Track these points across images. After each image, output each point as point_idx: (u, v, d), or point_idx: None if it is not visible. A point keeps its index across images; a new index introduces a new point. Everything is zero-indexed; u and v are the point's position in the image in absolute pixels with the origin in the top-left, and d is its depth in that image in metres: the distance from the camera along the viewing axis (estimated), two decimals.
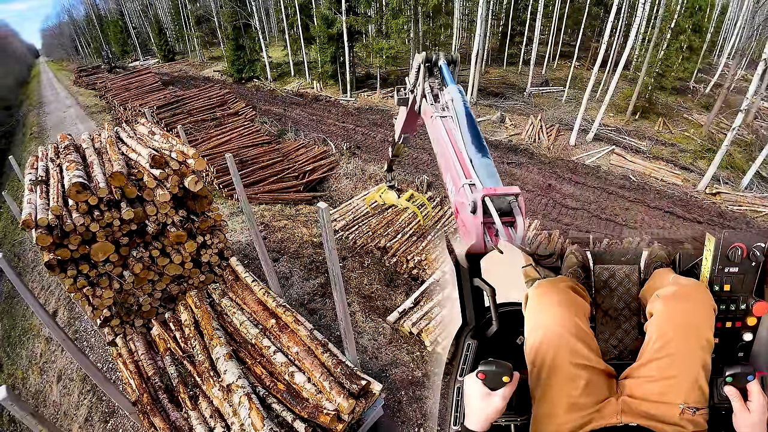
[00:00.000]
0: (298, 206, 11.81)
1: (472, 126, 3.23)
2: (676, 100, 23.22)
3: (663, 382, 1.67)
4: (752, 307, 1.87)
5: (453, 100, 3.49)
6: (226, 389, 4.17)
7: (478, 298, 2.25)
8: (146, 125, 6.46)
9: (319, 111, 22.81)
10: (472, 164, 2.88)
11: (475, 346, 2.09)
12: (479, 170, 2.81)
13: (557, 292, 1.89)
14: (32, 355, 8.40)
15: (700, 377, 1.66)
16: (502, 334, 2.14)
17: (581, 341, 1.77)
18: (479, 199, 2.51)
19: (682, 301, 1.78)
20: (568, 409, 1.70)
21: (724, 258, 1.85)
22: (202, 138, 15.43)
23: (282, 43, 36.19)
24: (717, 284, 1.88)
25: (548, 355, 1.76)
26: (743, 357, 1.94)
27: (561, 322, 1.79)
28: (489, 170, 2.86)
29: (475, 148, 3.02)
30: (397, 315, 6.96)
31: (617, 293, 2.17)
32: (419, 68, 3.99)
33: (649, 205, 13.63)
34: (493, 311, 2.12)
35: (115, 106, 22.09)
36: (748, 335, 1.91)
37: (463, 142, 3.08)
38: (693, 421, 1.60)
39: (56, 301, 8.92)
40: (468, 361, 2.04)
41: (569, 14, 29.72)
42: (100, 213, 4.68)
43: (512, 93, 24.15)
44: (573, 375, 1.73)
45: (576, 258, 2.23)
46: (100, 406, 6.21)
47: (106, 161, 5.23)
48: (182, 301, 5.51)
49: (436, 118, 3.50)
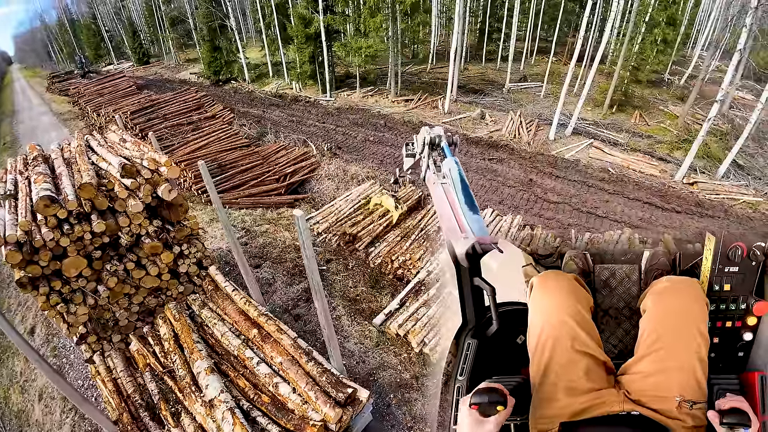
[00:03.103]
0: (280, 210, 11.65)
1: (466, 190, 3.75)
2: (652, 93, 23.70)
3: (658, 376, 1.68)
4: (752, 306, 1.88)
5: (450, 170, 4.03)
6: (209, 404, 4.06)
7: (478, 297, 2.26)
8: (117, 132, 6.26)
9: (299, 112, 22.58)
10: (467, 221, 3.32)
11: (475, 346, 2.11)
12: (472, 225, 3.25)
13: (561, 280, 1.92)
14: (12, 374, 8.12)
15: (696, 370, 1.65)
16: (502, 333, 2.14)
17: (583, 328, 1.79)
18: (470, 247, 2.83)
19: (673, 295, 1.80)
20: (568, 392, 1.71)
21: (724, 257, 1.86)
22: (179, 143, 15.08)
23: (259, 44, 35.68)
24: (717, 284, 1.89)
25: (549, 338, 1.78)
26: (743, 357, 1.96)
27: (563, 308, 1.81)
28: (479, 225, 3.30)
29: (468, 207, 3.51)
30: (383, 317, 6.91)
31: (617, 293, 2.18)
32: (424, 141, 4.69)
33: (629, 197, 13.86)
34: (493, 311, 2.11)
35: (88, 113, 21.48)
36: (748, 335, 1.92)
37: (459, 204, 3.57)
38: (692, 416, 1.59)
39: (33, 317, 8.61)
40: (468, 361, 2.05)
41: (545, 10, 30.05)
42: (70, 227, 4.50)
43: (491, 89, 24.30)
44: (574, 359, 1.74)
45: (576, 265, 2.22)
46: (83, 425, 6.04)
47: (76, 172, 5.03)
48: (161, 314, 5.36)
49: (437, 185, 4.07)
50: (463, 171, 4.04)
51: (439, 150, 4.76)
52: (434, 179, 4.24)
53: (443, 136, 4.71)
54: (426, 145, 4.73)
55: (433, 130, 4.75)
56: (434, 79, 26.28)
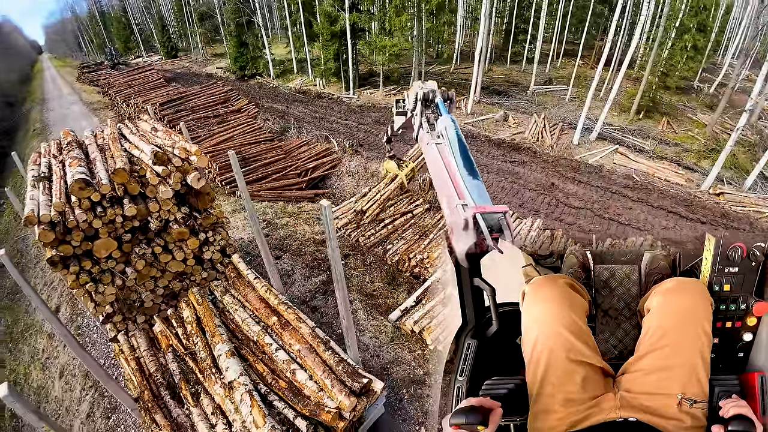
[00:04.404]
0: (301, 204, 11.81)
1: (464, 152, 3.48)
2: (681, 100, 23.12)
3: (660, 374, 1.68)
4: (752, 307, 1.88)
5: (446, 129, 3.76)
6: (228, 386, 4.17)
7: (478, 298, 2.27)
8: (149, 122, 6.46)
9: (322, 108, 22.78)
10: (466, 186, 3.09)
11: (475, 346, 2.12)
12: (471, 191, 3.01)
13: (554, 288, 1.89)
14: (34, 351, 8.41)
15: (698, 369, 1.66)
16: (502, 333, 2.15)
17: (577, 337, 1.77)
18: (471, 217, 2.66)
19: (679, 294, 1.80)
20: (565, 403, 1.71)
21: (724, 258, 1.87)
22: (205, 135, 15.43)
23: (285, 40, 36.09)
24: (717, 284, 1.89)
25: (545, 350, 1.77)
26: (743, 357, 1.96)
27: (557, 318, 1.80)
28: (480, 191, 3.06)
29: (467, 171, 3.24)
30: (399, 313, 6.95)
31: (617, 293, 2.19)
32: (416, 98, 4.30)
33: (653, 205, 13.58)
34: (493, 311, 2.13)
35: (117, 103, 22.10)
36: (748, 335, 1.92)
37: (456, 167, 3.30)
38: (691, 414, 1.59)
39: (59, 297, 8.93)
40: (468, 361, 2.06)
41: (573, 12, 29.54)
42: (102, 209, 4.68)
43: (515, 91, 24.07)
44: (570, 370, 1.74)
45: (576, 258, 2.23)
46: (102, 402, 6.23)
47: (109, 158, 5.22)
48: (184, 298, 5.52)
49: (431, 145, 3.78)
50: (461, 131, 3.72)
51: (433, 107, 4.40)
52: (428, 139, 3.97)
53: (438, 91, 4.37)
54: (419, 101, 4.38)
55: (426, 84, 4.43)
56: (458, 79, 26.15)
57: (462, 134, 3.74)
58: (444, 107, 4.26)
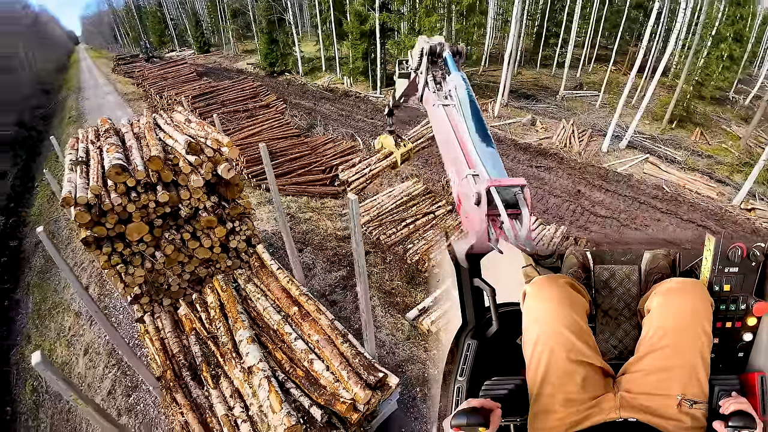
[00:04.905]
0: (324, 200, 11.95)
1: (476, 115, 3.11)
2: (715, 111, 22.38)
3: (660, 374, 1.67)
4: (752, 307, 1.87)
5: (456, 87, 3.38)
6: (247, 371, 4.29)
7: (478, 298, 2.27)
8: (183, 113, 6.67)
9: (349, 106, 22.96)
10: (477, 154, 2.77)
11: (475, 346, 2.12)
12: (484, 160, 2.70)
13: (555, 288, 1.88)
14: (61, 329, 8.74)
15: (698, 369, 1.65)
16: (502, 334, 2.16)
17: (578, 337, 1.77)
18: (484, 190, 2.44)
19: (679, 294, 1.79)
20: (565, 404, 1.72)
21: (724, 258, 1.86)
22: (234, 128, 15.79)
23: (314, 38, 36.54)
24: (717, 284, 1.88)
25: (545, 350, 1.78)
26: (743, 357, 1.94)
27: (558, 317, 1.80)
28: (494, 160, 2.75)
29: (479, 137, 2.90)
30: (417, 312, 6.97)
31: (617, 293, 2.18)
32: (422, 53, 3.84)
33: (682, 218, 13.19)
34: (493, 311, 2.14)
35: (151, 95, 22.79)
36: (748, 335, 1.91)
37: (467, 132, 2.96)
38: (691, 415, 1.59)
39: (87, 278, 9.28)
40: (468, 362, 2.07)
41: (607, 17, 28.93)
42: (137, 195, 4.87)
43: (544, 96, 23.74)
44: (570, 370, 1.74)
45: (576, 258, 2.22)
46: (124, 380, 6.45)
47: (144, 146, 5.43)
48: (209, 284, 5.68)
49: (438, 107, 3.40)
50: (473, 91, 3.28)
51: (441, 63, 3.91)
52: (434, 99, 3.54)
53: (446, 44, 3.88)
54: (424, 56, 3.87)
55: (433, 38, 3.98)
56: (486, 81, 25.96)
57: (474, 94, 3.35)
58: (453, 63, 3.83)
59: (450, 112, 3.27)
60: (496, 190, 2.42)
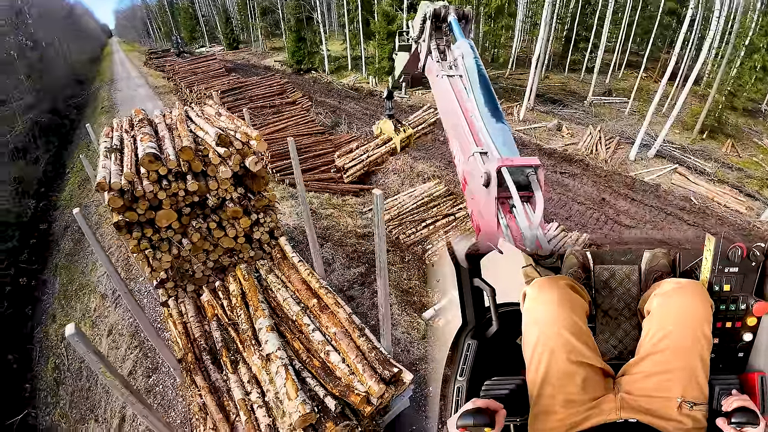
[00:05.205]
0: (345, 197, 12.07)
1: (485, 86, 2.81)
2: (747, 123, 21.57)
3: (660, 376, 1.68)
4: (752, 307, 1.86)
5: (463, 56, 3.06)
6: (266, 358, 4.39)
7: (478, 298, 2.27)
8: (213, 107, 6.87)
9: (373, 106, 23.06)
10: (486, 130, 2.50)
11: (475, 346, 2.13)
12: (494, 136, 2.45)
13: (555, 290, 1.88)
14: (86, 309, 9.04)
15: (698, 371, 1.65)
16: (502, 334, 2.16)
17: (578, 338, 1.78)
18: (494, 171, 2.26)
19: (680, 296, 1.78)
20: (565, 404, 1.72)
21: (724, 258, 1.85)
22: (260, 123, 16.09)
23: (341, 38, 36.85)
24: (717, 284, 1.88)
25: (545, 352, 1.78)
26: (743, 357, 1.94)
27: (558, 319, 1.80)
28: (505, 137, 2.50)
29: (488, 110, 2.62)
30: (433, 312, 7.00)
31: (617, 293, 2.17)
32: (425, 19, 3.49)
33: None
34: (493, 311, 2.14)
35: (182, 88, 23.40)
36: (748, 335, 1.91)
37: (475, 105, 2.68)
38: (692, 417, 1.59)
39: (114, 262, 9.55)
40: (468, 362, 2.07)
41: (639, 22, 28.19)
42: (168, 183, 5.06)
43: (572, 101, 23.34)
44: (570, 372, 1.74)
45: (576, 258, 2.21)
46: (145, 362, 6.67)
47: (176, 137, 5.61)
48: (232, 272, 5.83)
49: (442, 77, 3.11)
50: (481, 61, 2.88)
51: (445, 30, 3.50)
52: (437, 69, 3.21)
53: (451, 8, 3.48)
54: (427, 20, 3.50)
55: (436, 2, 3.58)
56: (512, 84, 25.69)
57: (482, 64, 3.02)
58: (460, 29, 3.46)
59: (455, 82, 2.98)
60: (508, 171, 2.25)
